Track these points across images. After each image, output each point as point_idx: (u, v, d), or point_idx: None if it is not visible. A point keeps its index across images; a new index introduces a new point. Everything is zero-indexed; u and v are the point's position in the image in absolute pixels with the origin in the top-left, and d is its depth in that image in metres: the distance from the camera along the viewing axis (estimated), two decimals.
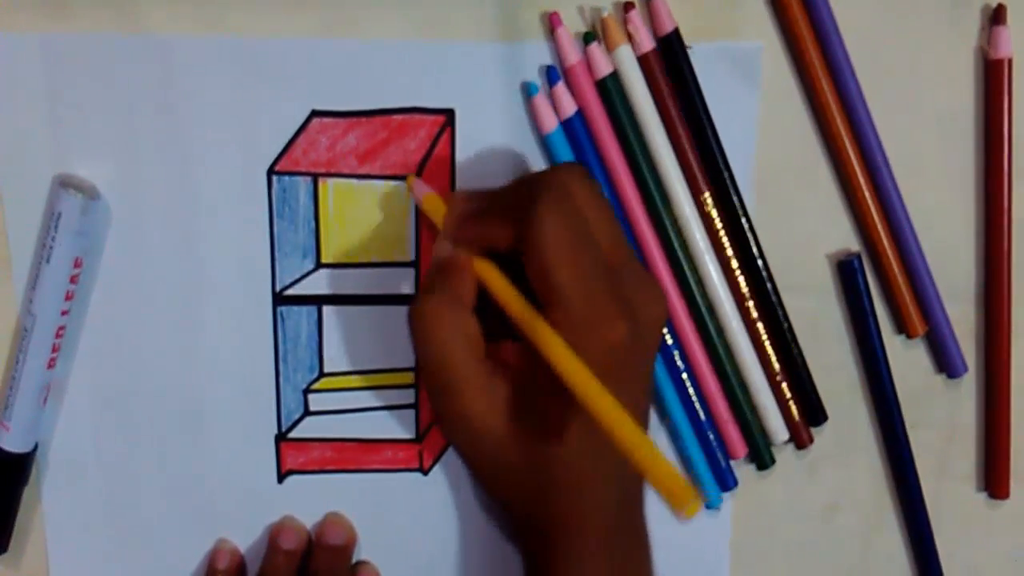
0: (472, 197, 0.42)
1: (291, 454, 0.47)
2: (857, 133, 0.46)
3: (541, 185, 0.38)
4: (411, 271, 0.46)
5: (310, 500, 0.48)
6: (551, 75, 0.44)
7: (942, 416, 0.50)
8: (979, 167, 0.48)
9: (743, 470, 0.49)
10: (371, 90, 0.44)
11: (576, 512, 0.39)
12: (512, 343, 0.40)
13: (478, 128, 0.45)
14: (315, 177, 0.45)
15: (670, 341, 0.47)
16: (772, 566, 0.51)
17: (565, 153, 0.45)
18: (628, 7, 0.44)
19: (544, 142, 0.45)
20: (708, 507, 0.49)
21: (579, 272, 0.37)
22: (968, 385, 0.50)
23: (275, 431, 0.47)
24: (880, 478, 0.50)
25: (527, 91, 0.45)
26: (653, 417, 0.48)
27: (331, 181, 0.45)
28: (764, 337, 0.47)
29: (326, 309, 0.46)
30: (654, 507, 0.49)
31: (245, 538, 0.48)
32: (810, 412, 0.48)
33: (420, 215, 0.46)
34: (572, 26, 0.44)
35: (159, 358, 0.46)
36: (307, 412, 0.47)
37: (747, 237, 0.46)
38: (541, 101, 0.44)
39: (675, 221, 0.46)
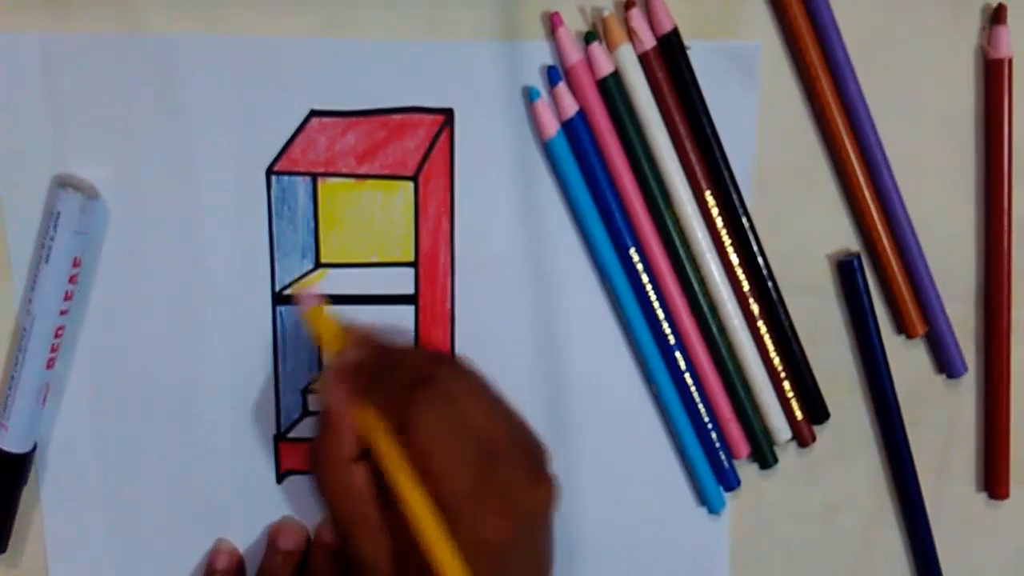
0: (366, 346, 0.41)
1: (290, 454, 0.47)
2: (857, 133, 0.46)
3: (422, 380, 0.38)
4: (411, 271, 0.46)
5: (309, 500, 0.48)
6: (552, 75, 0.44)
7: (942, 416, 0.50)
8: (979, 167, 0.48)
9: (743, 470, 0.49)
10: (370, 90, 0.44)
11: None
12: None
13: (477, 128, 0.45)
14: (314, 177, 0.45)
15: (672, 341, 0.47)
16: (772, 566, 0.51)
17: (566, 156, 0.45)
18: (629, 6, 0.44)
19: (545, 147, 0.45)
20: (711, 512, 0.49)
21: (452, 470, 0.37)
22: (968, 385, 0.50)
23: (274, 431, 0.47)
24: (880, 478, 0.50)
25: (528, 96, 0.45)
26: (655, 420, 0.48)
27: (330, 181, 0.45)
28: (765, 335, 0.47)
29: (325, 309, 0.46)
30: (655, 507, 0.49)
31: (244, 538, 0.48)
32: (812, 410, 0.48)
33: (420, 214, 0.46)
34: (572, 26, 0.44)
35: (158, 358, 0.46)
36: (306, 412, 0.47)
37: (748, 236, 0.46)
38: (542, 107, 0.44)
39: (677, 220, 0.46)
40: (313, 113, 0.44)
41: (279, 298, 0.46)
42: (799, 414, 0.48)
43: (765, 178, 0.47)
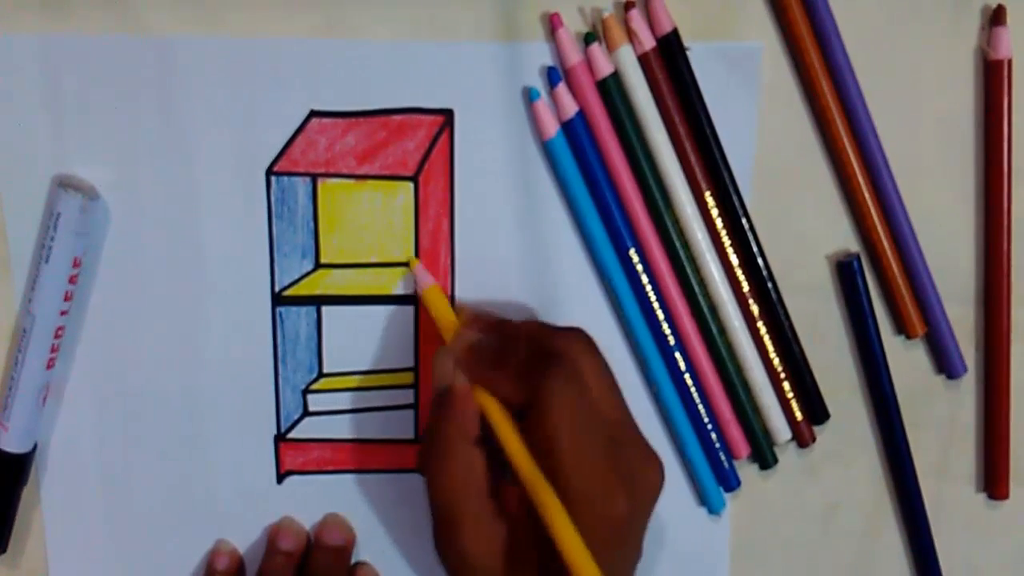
0: (482, 325, 0.42)
1: (290, 454, 0.47)
2: (857, 133, 0.46)
3: (551, 356, 0.38)
4: (411, 271, 0.46)
5: (309, 501, 0.48)
6: (552, 76, 0.44)
7: (942, 416, 0.50)
8: (979, 167, 0.48)
9: (743, 470, 0.49)
10: (370, 90, 0.44)
11: None
12: (515, 488, 0.39)
13: (477, 129, 0.45)
14: (314, 177, 0.45)
15: (672, 341, 0.47)
16: (772, 566, 0.51)
17: (566, 156, 0.45)
18: (628, 7, 0.44)
19: (545, 148, 0.45)
20: (711, 512, 0.49)
21: (582, 449, 0.37)
22: (968, 385, 0.50)
23: (274, 431, 0.47)
24: (880, 478, 0.50)
25: (528, 97, 0.45)
26: (655, 420, 0.48)
27: (330, 181, 0.45)
28: (765, 336, 0.47)
29: (325, 309, 0.46)
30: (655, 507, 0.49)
31: (244, 538, 0.48)
32: (812, 410, 0.48)
33: (420, 215, 0.46)
34: (572, 26, 0.44)
35: (158, 358, 0.46)
36: (306, 412, 0.47)
37: (747, 237, 0.46)
38: (542, 107, 0.44)
39: (676, 221, 0.46)
40: (313, 114, 0.44)
41: (279, 298, 0.46)
42: (799, 414, 0.48)
43: (765, 178, 0.47)
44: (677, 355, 0.47)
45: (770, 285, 0.47)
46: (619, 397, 0.41)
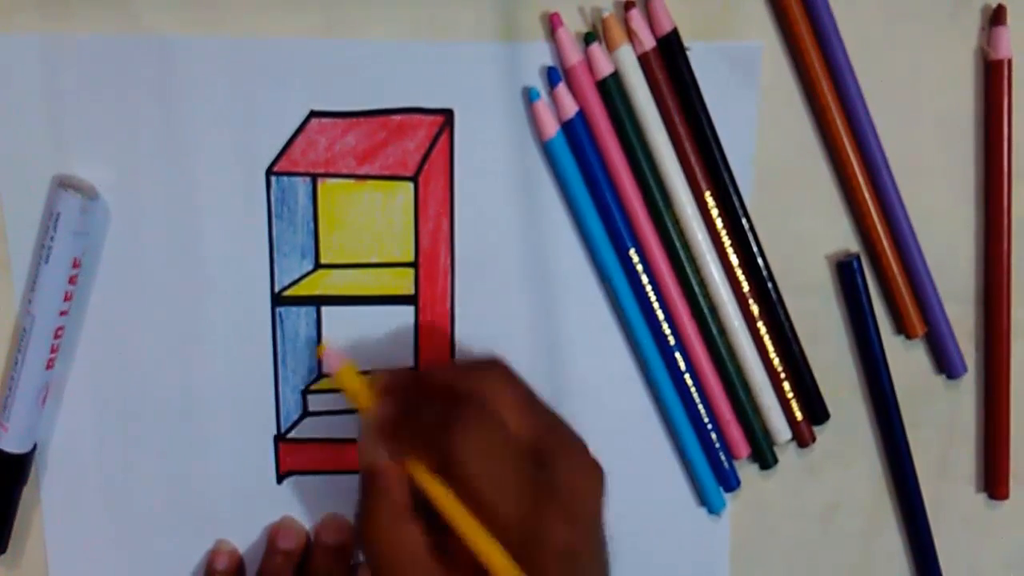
0: (398, 391, 0.40)
1: (290, 454, 0.47)
2: (857, 133, 0.46)
3: (461, 403, 0.38)
4: (411, 271, 0.46)
5: (309, 500, 0.48)
6: (552, 76, 0.44)
7: (942, 416, 0.50)
8: (979, 167, 0.48)
9: (743, 470, 0.49)
10: (370, 90, 0.44)
11: None
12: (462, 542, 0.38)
13: (477, 129, 0.45)
14: (314, 177, 0.45)
15: (672, 342, 0.47)
16: (772, 566, 0.51)
17: (566, 156, 0.45)
18: (628, 7, 0.44)
19: (545, 148, 0.45)
20: (711, 512, 0.49)
21: (508, 490, 0.37)
22: (968, 385, 0.50)
23: (274, 431, 0.47)
24: (880, 478, 0.50)
25: (528, 97, 0.45)
26: (655, 420, 0.48)
27: (330, 181, 0.45)
28: (765, 336, 0.47)
29: (325, 309, 0.46)
30: (655, 507, 0.49)
31: (244, 538, 0.48)
32: (812, 410, 0.48)
33: (420, 215, 0.46)
34: (572, 26, 0.44)
35: (158, 359, 0.46)
36: (306, 412, 0.47)
37: (747, 237, 0.46)
38: (542, 107, 0.44)
39: (676, 221, 0.46)
40: (313, 114, 0.44)
41: (279, 299, 0.46)
42: (799, 414, 0.48)
43: (765, 178, 0.47)
44: (677, 355, 0.47)
45: (770, 285, 0.47)
46: (542, 418, 0.40)
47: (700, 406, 0.47)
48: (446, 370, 0.42)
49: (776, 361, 0.47)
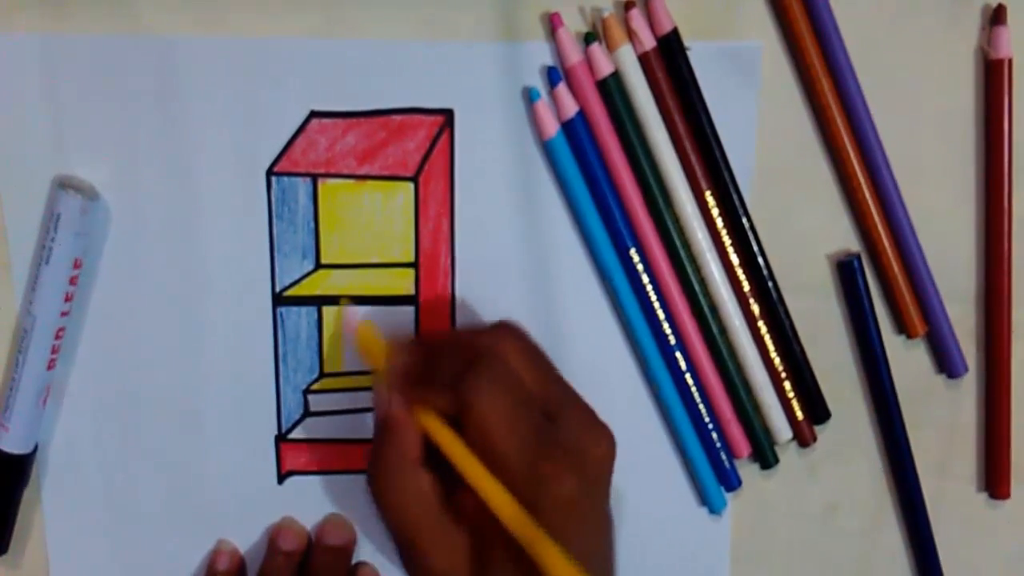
0: (410, 348, 0.42)
1: (291, 455, 0.47)
2: (857, 133, 0.46)
3: (474, 356, 0.39)
4: (411, 271, 0.46)
5: (310, 501, 0.48)
6: (552, 76, 0.44)
7: (942, 416, 0.50)
8: (979, 167, 0.48)
9: (743, 469, 0.49)
10: (370, 90, 0.44)
11: None
12: (470, 495, 0.39)
13: (477, 129, 0.45)
14: (314, 178, 0.45)
15: (672, 341, 0.47)
16: (772, 566, 0.51)
17: (566, 156, 0.45)
18: (629, 6, 0.44)
19: (545, 148, 0.45)
20: (712, 512, 0.49)
21: (518, 437, 0.38)
22: (968, 385, 0.50)
23: (275, 432, 0.47)
24: (880, 478, 0.50)
25: (529, 97, 0.45)
26: (656, 420, 0.48)
27: (330, 182, 0.45)
28: (766, 336, 0.47)
29: (326, 309, 0.46)
30: (655, 507, 0.49)
31: (245, 539, 0.48)
32: (812, 410, 0.48)
33: (420, 215, 0.46)
34: (572, 26, 0.44)
35: (159, 359, 0.46)
36: (307, 413, 0.47)
37: (748, 236, 0.46)
38: (542, 107, 0.44)
39: (677, 220, 0.46)
40: (313, 114, 0.44)
41: (280, 299, 0.46)
42: (800, 414, 0.48)
43: (765, 178, 0.47)
44: (678, 355, 0.47)
45: (770, 285, 0.47)
46: (553, 378, 0.41)
47: (701, 405, 0.47)
48: (459, 332, 0.43)
49: (777, 360, 0.47)
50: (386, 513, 0.39)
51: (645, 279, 0.46)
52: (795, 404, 0.48)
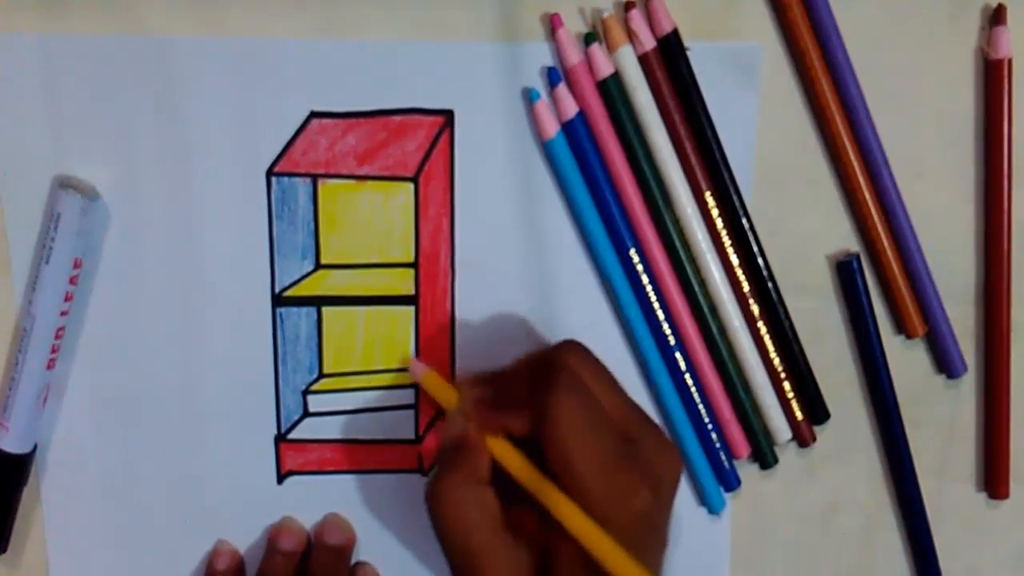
0: (480, 381, 0.42)
1: (291, 455, 0.47)
2: (857, 133, 0.46)
3: (550, 373, 0.39)
4: (411, 271, 0.46)
5: (309, 501, 0.48)
6: (552, 76, 0.44)
7: (942, 416, 0.50)
8: (979, 167, 0.48)
9: (743, 470, 0.49)
10: (370, 91, 0.44)
11: None
12: (531, 511, 0.40)
13: (477, 129, 0.45)
14: (314, 178, 0.45)
15: (672, 342, 0.47)
16: (772, 566, 0.51)
17: (566, 157, 0.45)
18: (629, 7, 0.44)
19: (545, 148, 0.45)
20: (711, 512, 0.49)
21: (598, 454, 0.38)
22: (968, 385, 0.50)
23: (274, 432, 0.47)
24: (880, 478, 0.50)
25: (529, 98, 0.45)
26: (656, 419, 0.48)
27: (330, 182, 0.45)
28: (765, 336, 0.47)
29: (325, 310, 0.46)
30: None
31: (244, 539, 0.48)
32: (812, 410, 0.48)
33: (420, 216, 0.46)
34: (572, 27, 0.44)
35: (158, 359, 0.46)
36: (306, 413, 0.47)
37: (748, 237, 0.46)
38: (542, 107, 0.44)
39: (677, 221, 0.46)
40: (313, 114, 0.44)
41: (279, 299, 0.46)
42: (799, 414, 0.48)
43: (765, 178, 0.47)
44: (677, 355, 0.47)
45: (770, 285, 0.47)
46: (623, 396, 0.41)
47: (700, 406, 0.47)
48: (527, 356, 0.43)
49: (776, 361, 0.47)
50: (449, 529, 0.39)
51: (645, 279, 0.46)
52: (795, 404, 0.48)
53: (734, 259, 0.46)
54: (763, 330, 0.47)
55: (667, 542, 0.41)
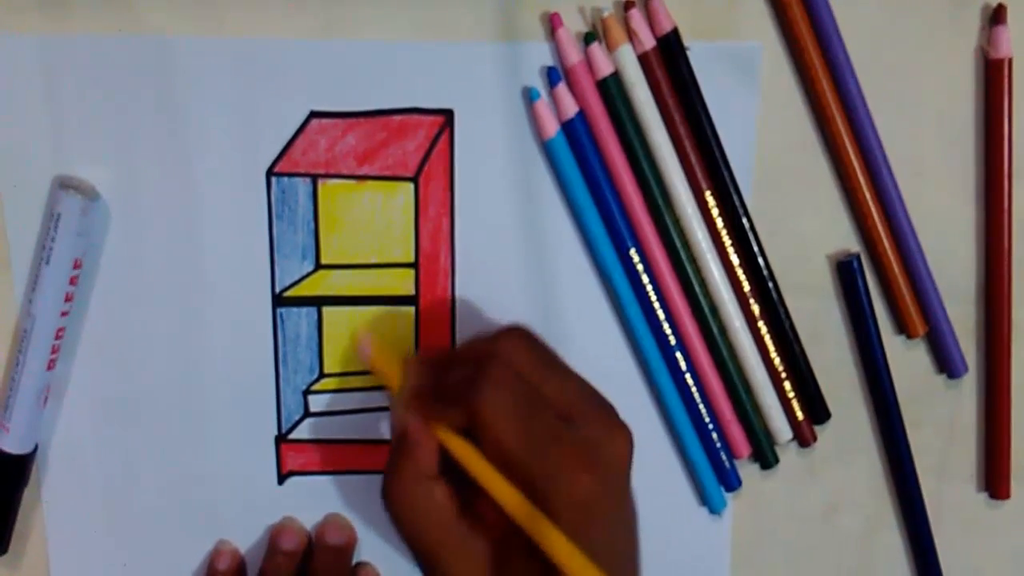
0: (422, 367, 0.42)
1: (291, 455, 0.47)
2: (857, 133, 0.46)
3: (481, 362, 0.39)
4: (411, 271, 0.46)
5: (310, 501, 0.48)
6: (552, 76, 0.44)
7: (942, 416, 0.50)
8: (979, 167, 0.48)
9: (743, 470, 0.49)
10: (370, 91, 0.44)
11: None
12: (489, 502, 0.39)
13: (477, 129, 0.45)
14: (314, 178, 0.45)
15: (673, 341, 0.47)
16: (772, 566, 0.51)
17: (566, 156, 0.45)
18: (628, 6, 0.44)
19: (545, 148, 0.45)
20: (712, 512, 0.49)
21: (529, 439, 0.37)
22: (968, 385, 0.50)
23: (275, 432, 0.47)
24: (880, 478, 0.50)
25: (529, 97, 0.45)
26: (656, 420, 0.48)
27: (330, 182, 0.45)
28: (766, 336, 0.47)
29: (326, 310, 0.46)
30: (656, 507, 0.49)
31: (245, 539, 0.48)
32: (813, 410, 0.48)
33: (420, 216, 0.46)
34: (572, 26, 0.44)
35: (159, 359, 0.46)
36: (307, 413, 0.47)
37: (748, 236, 0.46)
38: (542, 107, 0.44)
39: (677, 221, 0.46)
40: (313, 114, 0.44)
41: (280, 299, 0.46)
42: (800, 414, 0.48)
43: (765, 178, 0.47)
44: (678, 355, 0.47)
45: (770, 285, 0.47)
46: (568, 380, 0.40)
47: (701, 406, 0.47)
48: (472, 341, 0.43)
49: (777, 361, 0.47)
50: (404, 526, 0.39)
51: (645, 279, 0.46)
52: (795, 404, 0.48)
53: (734, 259, 0.46)
54: (763, 330, 0.47)
55: (631, 519, 0.40)
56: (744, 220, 0.46)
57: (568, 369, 0.41)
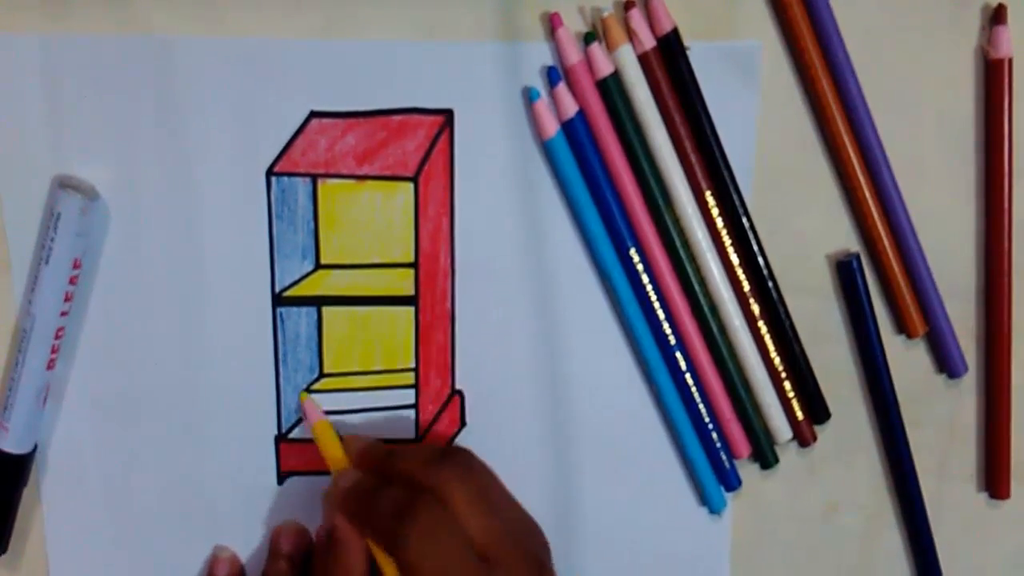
0: (366, 462, 0.43)
1: (291, 455, 0.47)
2: (857, 133, 0.46)
3: (415, 500, 0.40)
4: (411, 271, 0.46)
5: (310, 501, 0.48)
6: (552, 76, 0.44)
7: (942, 416, 0.50)
8: (979, 167, 0.48)
9: (743, 469, 0.49)
10: (370, 91, 0.44)
11: None
12: None
13: (477, 129, 0.45)
14: (314, 178, 0.45)
15: (673, 341, 0.47)
16: (772, 566, 0.51)
17: (566, 156, 0.45)
18: (628, 6, 0.44)
19: (545, 148, 0.45)
20: (712, 512, 0.49)
21: None
22: (968, 385, 0.50)
23: (275, 432, 0.47)
24: (880, 478, 0.50)
25: (528, 97, 0.45)
26: (656, 420, 0.48)
27: (330, 182, 0.45)
28: (766, 335, 0.47)
29: (326, 310, 0.46)
30: (655, 507, 0.49)
31: (245, 539, 0.48)
32: (813, 410, 0.48)
33: (420, 216, 0.46)
34: (572, 26, 0.44)
35: (158, 359, 0.46)
36: None
37: (748, 236, 0.46)
38: (542, 107, 0.44)
39: (677, 220, 0.46)
40: (313, 114, 0.44)
41: (279, 299, 0.46)
42: (800, 414, 0.48)
43: (765, 178, 0.47)
44: (678, 355, 0.47)
45: (770, 285, 0.47)
46: (500, 518, 0.41)
47: (701, 405, 0.47)
48: (416, 453, 0.43)
49: (777, 360, 0.47)
50: None
51: (645, 279, 0.46)
52: (795, 404, 0.48)
53: (734, 258, 0.46)
54: (763, 330, 0.47)
55: None
56: (744, 220, 0.46)
57: (499, 503, 0.42)
